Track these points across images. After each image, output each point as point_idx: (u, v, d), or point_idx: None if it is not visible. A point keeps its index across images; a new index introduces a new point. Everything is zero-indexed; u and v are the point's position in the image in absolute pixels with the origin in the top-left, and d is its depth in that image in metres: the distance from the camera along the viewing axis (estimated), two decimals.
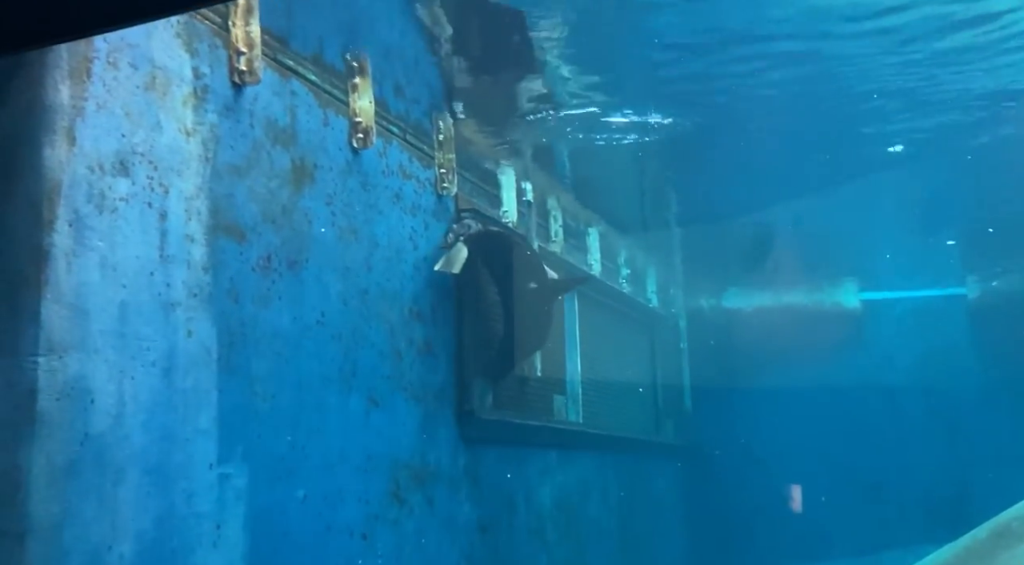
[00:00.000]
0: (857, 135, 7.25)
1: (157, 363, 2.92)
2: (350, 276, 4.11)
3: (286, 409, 3.56)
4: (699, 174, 8.29)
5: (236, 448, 3.25)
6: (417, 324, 4.71)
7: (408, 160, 4.70)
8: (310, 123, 3.85)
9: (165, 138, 3.01)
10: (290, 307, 3.64)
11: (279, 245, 3.60)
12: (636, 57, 5.60)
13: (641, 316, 9.00)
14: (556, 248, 6.84)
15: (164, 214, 2.99)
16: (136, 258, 2.87)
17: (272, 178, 3.59)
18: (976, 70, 6.08)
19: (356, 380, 4.08)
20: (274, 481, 3.45)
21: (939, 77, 6.07)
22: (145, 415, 2.85)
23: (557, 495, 6.44)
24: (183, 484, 2.98)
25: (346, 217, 4.10)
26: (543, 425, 6.15)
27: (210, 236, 3.21)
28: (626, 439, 8.00)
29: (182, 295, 3.06)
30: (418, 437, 4.59)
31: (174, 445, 2.96)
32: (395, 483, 4.32)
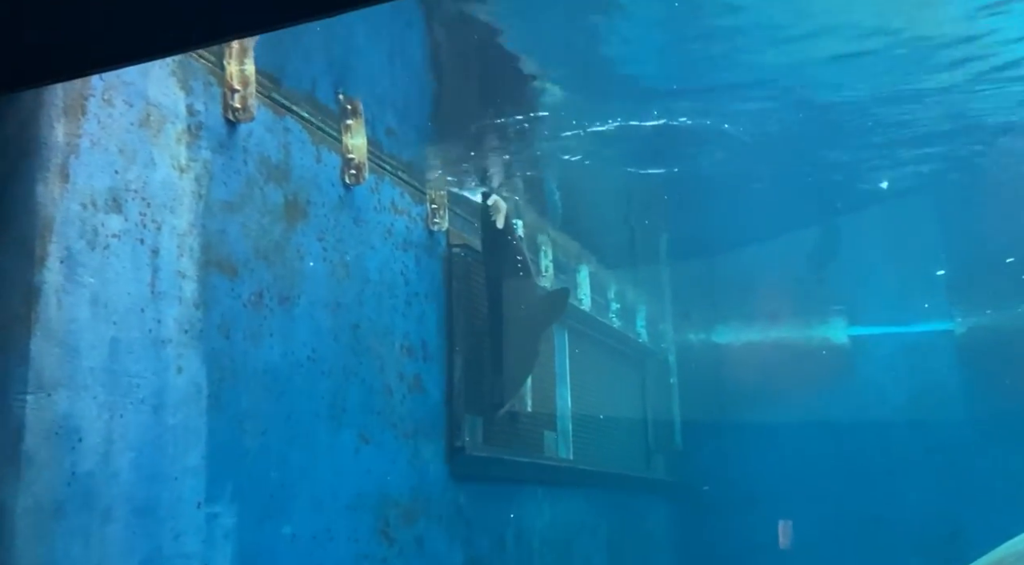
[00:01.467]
0: (846, 172, 7.34)
1: (147, 400, 2.90)
2: (341, 311, 4.11)
3: (276, 446, 3.53)
4: (689, 209, 8.36)
5: (225, 486, 3.21)
6: (408, 360, 4.69)
7: (400, 196, 4.72)
8: (303, 160, 3.88)
9: (159, 175, 3.02)
10: (281, 343, 3.63)
11: (271, 281, 3.60)
12: (628, 97, 5.67)
13: (631, 351, 9.01)
14: (546, 283, 6.86)
15: (156, 250, 2.99)
16: (127, 294, 2.86)
17: (265, 214, 3.60)
18: (961, 105, 6.18)
19: (346, 416, 4.06)
20: (263, 519, 3.41)
21: (924, 113, 6.17)
22: (134, 453, 2.82)
23: (547, 532, 6.38)
24: (171, 523, 2.94)
25: (338, 252, 4.11)
26: (533, 461, 6.11)
27: (202, 272, 3.21)
28: (617, 475, 7.95)
29: (173, 332, 3.05)
30: (408, 474, 4.55)
31: (162, 484, 2.92)
32: (384, 521, 4.27)
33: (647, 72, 5.14)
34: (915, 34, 4.85)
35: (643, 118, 5.69)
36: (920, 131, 6.59)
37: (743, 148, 6.37)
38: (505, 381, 5.56)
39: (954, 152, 6.97)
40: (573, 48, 4.83)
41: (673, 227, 8.47)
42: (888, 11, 4.71)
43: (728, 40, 4.80)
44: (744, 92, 5.70)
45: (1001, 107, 6.16)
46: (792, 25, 4.74)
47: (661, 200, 7.65)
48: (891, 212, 7.94)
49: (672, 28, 4.72)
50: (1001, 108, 6.18)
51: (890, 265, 8.97)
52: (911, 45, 5.11)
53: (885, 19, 4.76)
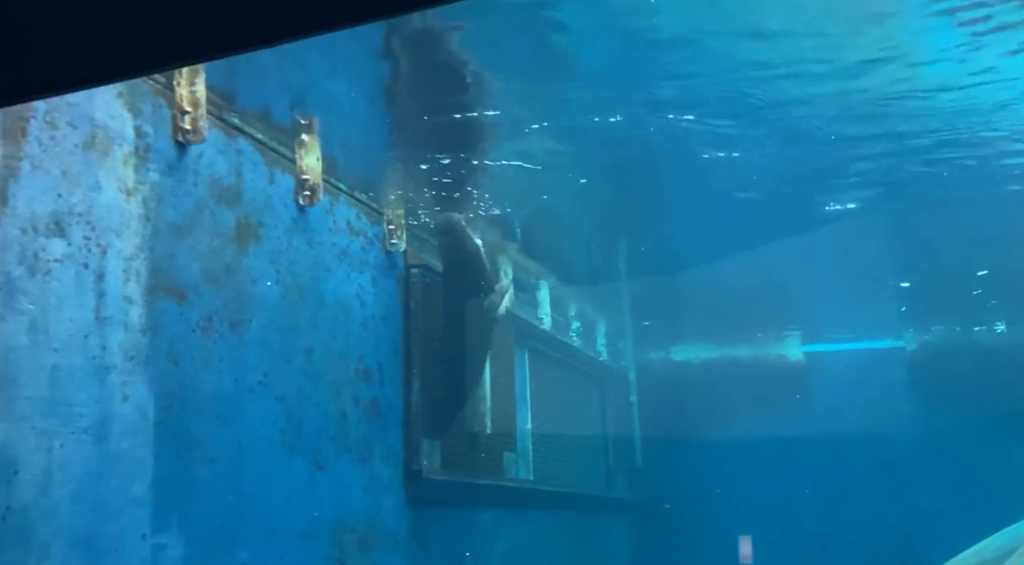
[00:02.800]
0: (805, 190, 7.46)
1: (89, 430, 2.81)
2: (294, 335, 4.04)
3: (226, 474, 3.45)
4: (648, 228, 8.43)
5: (172, 517, 3.13)
6: (364, 383, 4.63)
7: (356, 216, 4.68)
8: (256, 181, 3.82)
9: (104, 198, 2.95)
10: (231, 368, 3.55)
11: (221, 305, 3.53)
12: (586, 109, 5.71)
13: (591, 370, 9.02)
14: (507, 303, 6.85)
15: (101, 275, 2.92)
16: (70, 321, 2.78)
17: (216, 237, 3.53)
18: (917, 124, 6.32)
19: (300, 442, 3.98)
20: (213, 550, 3.32)
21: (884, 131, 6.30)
22: (74, 485, 2.72)
23: (507, 555, 6.32)
24: (114, 557, 2.85)
25: (291, 275, 4.05)
26: (492, 484, 6.06)
27: (149, 297, 3.13)
28: (577, 495, 7.93)
29: (118, 358, 2.96)
30: (364, 500, 4.47)
31: (105, 515, 2.83)
32: (339, 549, 4.19)
33: (606, 79, 5.17)
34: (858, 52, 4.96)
35: (603, 130, 5.71)
36: (873, 150, 6.73)
37: (700, 165, 6.45)
38: (477, 405, 5.55)
39: (905, 171, 7.14)
40: (531, 61, 4.85)
41: (631, 244, 8.54)
42: (838, 26, 4.79)
43: (683, 52, 4.86)
44: (703, 108, 5.78)
45: (943, 126, 6.32)
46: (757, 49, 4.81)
47: (619, 217, 7.70)
48: (844, 230, 8.10)
49: (628, 40, 4.75)
50: (943, 127, 6.34)
51: (843, 283, 9.14)
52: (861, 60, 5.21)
53: (835, 36, 4.85)
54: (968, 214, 7.60)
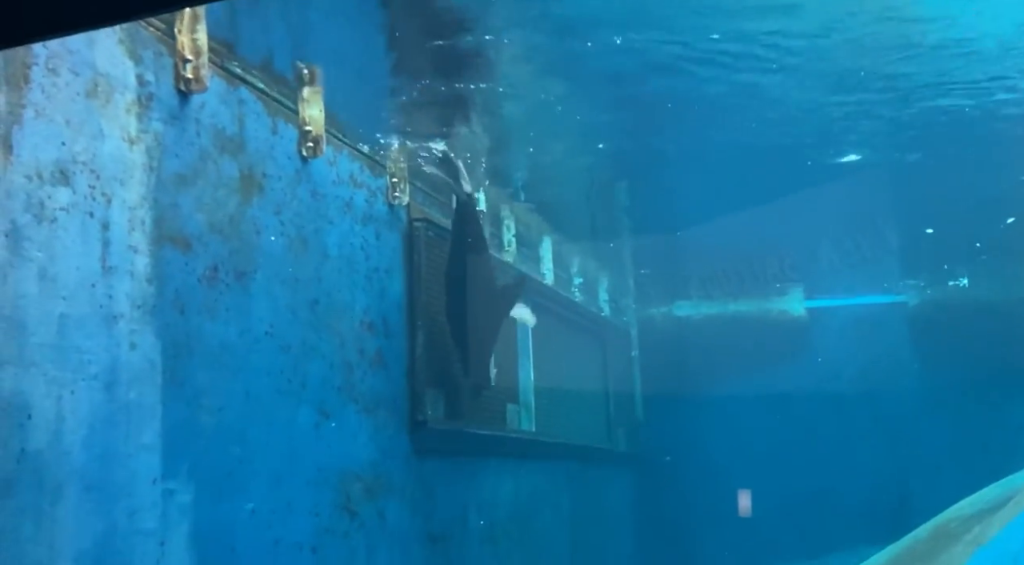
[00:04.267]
0: (807, 145, 7.41)
1: (99, 377, 2.84)
2: (299, 287, 4.06)
3: (233, 422, 3.50)
4: (651, 183, 8.39)
5: (181, 463, 3.18)
6: (368, 335, 4.67)
7: (359, 169, 4.67)
8: (258, 132, 3.80)
9: (107, 147, 2.94)
10: (237, 319, 3.58)
11: (226, 256, 3.54)
12: (591, 63, 5.64)
13: (593, 325, 9.07)
14: (509, 258, 6.86)
15: (106, 224, 2.92)
16: (77, 269, 2.79)
17: (219, 188, 3.53)
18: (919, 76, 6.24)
19: (306, 392, 4.03)
20: (221, 496, 3.39)
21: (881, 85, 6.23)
22: (86, 431, 2.77)
23: (510, 504, 6.44)
24: (126, 501, 2.91)
25: (295, 227, 4.06)
26: (495, 434, 6.15)
27: (154, 247, 3.15)
28: (578, 447, 8.04)
29: (125, 307, 2.99)
30: (369, 449, 4.54)
31: (116, 461, 2.89)
32: (346, 496, 4.27)
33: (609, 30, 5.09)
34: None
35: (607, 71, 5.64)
36: (879, 104, 6.66)
37: (704, 117, 6.40)
38: (482, 357, 5.59)
39: (914, 124, 7.08)
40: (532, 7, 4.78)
41: (633, 199, 8.51)
42: None
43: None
44: (710, 58, 5.70)
45: (956, 83, 6.25)
46: None
47: (620, 168, 7.66)
48: (849, 184, 8.06)
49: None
50: (957, 84, 6.27)
51: (846, 237, 9.13)
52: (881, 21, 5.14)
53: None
54: (972, 167, 7.56)
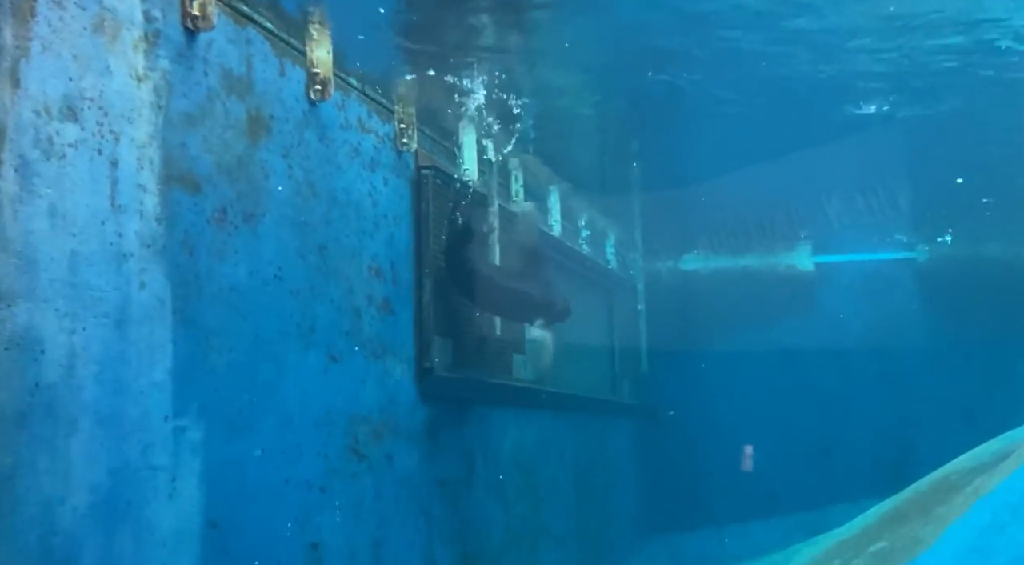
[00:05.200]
0: (819, 100, 7.31)
1: (110, 314, 2.87)
2: (308, 231, 4.07)
3: (243, 363, 3.53)
4: (661, 137, 8.30)
5: (192, 401, 3.23)
6: (376, 282, 4.68)
7: (367, 114, 4.63)
8: (266, 73, 3.77)
9: (115, 83, 2.92)
10: (246, 261, 3.59)
11: (234, 198, 3.54)
12: (604, 17, 5.55)
13: (600, 278, 9.08)
14: (517, 208, 6.83)
15: (115, 162, 2.92)
16: (86, 207, 2.80)
17: (227, 128, 3.51)
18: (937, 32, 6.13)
19: (314, 336, 4.06)
20: (231, 435, 3.44)
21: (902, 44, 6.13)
22: (97, 366, 2.80)
23: (515, 452, 6.53)
24: (138, 436, 2.96)
25: (303, 171, 4.04)
26: (502, 383, 6.20)
27: (163, 186, 3.14)
28: (583, 398, 8.11)
29: (135, 246, 3.00)
30: (377, 393, 4.59)
31: (128, 397, 2.93)
32: (354, 438, 4.33)
33: None
34: None
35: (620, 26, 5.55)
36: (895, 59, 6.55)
37: (714, 71, 6.31)
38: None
39: (925, 82, 6.97)
40: None
41: (644, 151, 8.44)
42: None
43: None
44: (719, 16, 5.61)
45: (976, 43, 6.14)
46: None
47: (632, 122, 7.58)
48: (860, 141, 7.98)
49: None
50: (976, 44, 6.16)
51: (857, 192, 9.06)
52: None
53: None
54: (984, 126, 7.47)
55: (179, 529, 3.11)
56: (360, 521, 4.31)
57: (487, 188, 6.09)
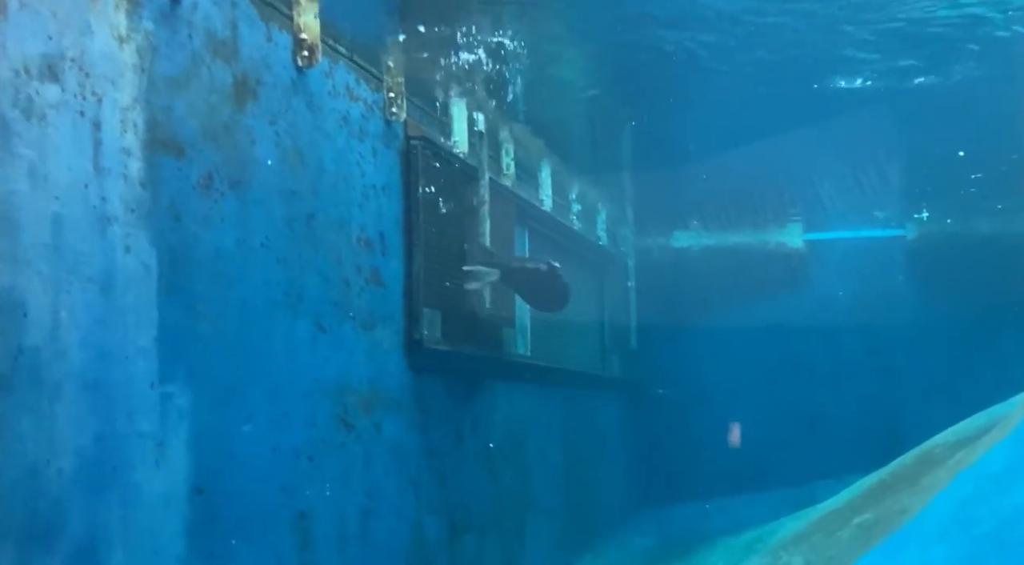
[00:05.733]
0: (812, 74, 7.29)
1: (94, 279, 2.84)
2: (296, 200, 4.03)
3: (230, 331, 3.51)
4: (653, 113, 8.27)
5: (179, 368, 3.20)
6: (365, 252, 4.66)
7: (355, 82, 4.57)
8: (252, 37, 3.71)
9: (97, 44, 2.86)
10: (233, 228, 3.56)
11: (221, 164, 3.50)
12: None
13: (591, 254, 9.07)
14: (508, 181, 6.80)
15: (98, 124, 2.87)
16: (69, 169, 2.75)
17: (212, 93, 3.46)
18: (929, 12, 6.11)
19: (303, 305, 4.04)
20: (218, 402, 3.42)
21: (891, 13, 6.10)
22: (82, 331, 2.78)
23: (504, 424, 6.55)
24: (124, 402, 2.94)
25: (291, 138, 4.00)
26: (492, 356, 6.21)
27: (148, 151, 3.10)
28: (573, 372, 8.14)
29: (119, 210, 2.96)
30: (366, 364, 4.59)
31: (114, 363, 2.90)
32: (343, 408, 4.33)
33: None
34: None
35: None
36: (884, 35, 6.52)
37: (705, 42, 6.27)
38: None
39: (916, 60, 6.96)
40: None
41: (636, 126, 8.41)
42: None
43: None
44: None
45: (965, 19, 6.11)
46: None
47: (623, 94, 7.54)
48: (850, 118, 7.97)
49: None
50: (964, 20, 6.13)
51: (846, 170, 9.07)
52: None
53: None
54: (972, 103, 7.47)
55: (166, 495, 3.10)
56: (348, 491, 4.32)
57: (478, 160, 6.05)
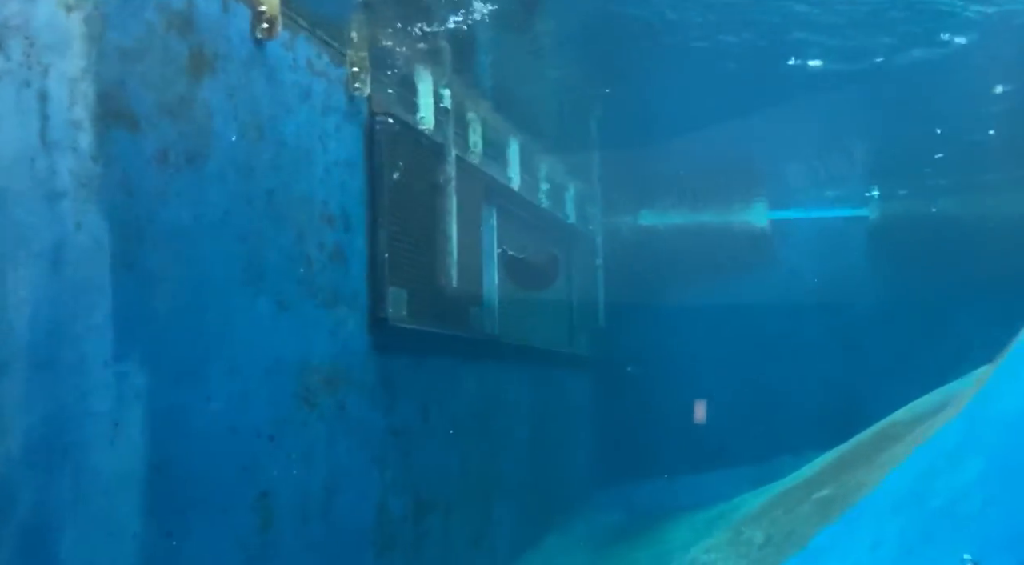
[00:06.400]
0: (775, 57, 7.30)
1: (43, 255, 2.77)
2: (255, 175, 3.96)
3: (188, 309, 3.45)
4: (621, 92, 8.23)
5: (133, 347, 3.15)
6: (328, 229, 4.60)
7: (317, 55, 4.49)
8: (209, 8, 3.61)
9: (42, 11, 2.77)
10: (190, 204, 3.49)
11: (177, 138, 3.42)
12: None
13: (559, 232, 9.06)
14: (475, 159, 6.75)
15: (44, 95, 2.78)
16: (14, 141, 2.67)
17: (167, 65, 3.37)
18: None
19: (263, 283, 3.98)
20: (176, 381, 3.37)
21: None
22: (31, 308, 2.71)
23: (471, 403, 6.55)
24: (75, 381, 2.88)
25: (250, 113, 3.92)
26: (458, 335, 6.19)
27: (99, 124, 3.01)
28: (540, 351, 8.16)
29: (69, 185, 2.88)
30: (329, 343, 4.55)
31: (64, 341, 2.84)
32: (305, 387, 4.29)
33: None
34: None
35: None
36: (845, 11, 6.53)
37: (671, 27, 6.24)
38: None
39: (882, 40, 6.99)
40: None
41: (604, 106, 8.38)
42: None
43: None
44: None
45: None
46: None
47: (591, 71, 7.50)
48: (814, 98, 8.01)
49: None
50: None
51: (810, 151, 9.14)
52: None
53: None
54: (934, 84, 7.54)
55: (122, 475, 3.05)
56: (311, 470, 4.30)
57: (444, 137, 5.99)
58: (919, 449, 5.01)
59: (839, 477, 5.81)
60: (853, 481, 5.47)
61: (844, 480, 5.65)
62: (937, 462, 4.70)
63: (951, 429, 4.82)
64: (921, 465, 4.78)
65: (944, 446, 4.78)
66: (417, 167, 5.55)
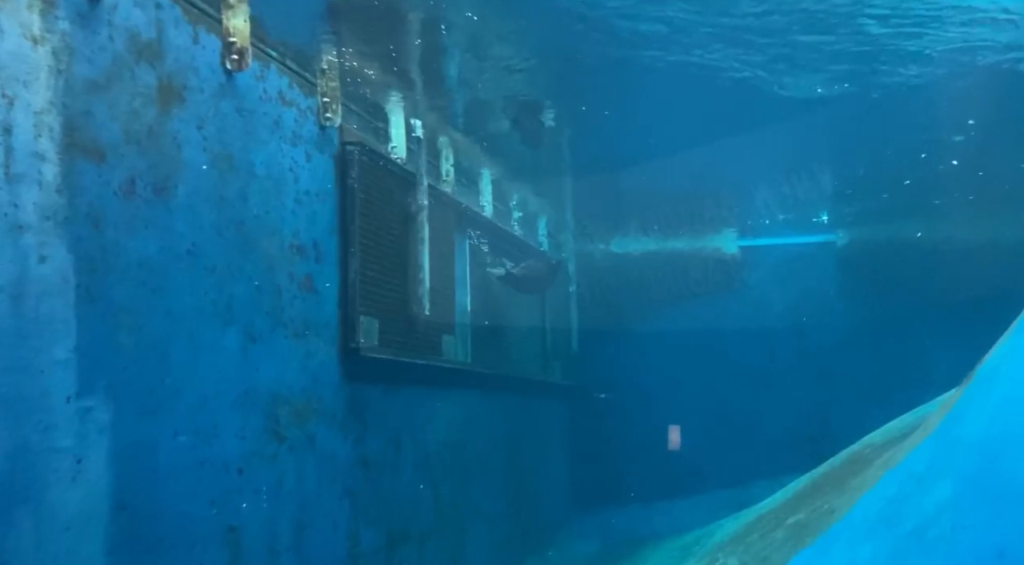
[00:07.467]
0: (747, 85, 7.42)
1: (4, 289, 2.72)
2: (224, 206, 3.94)
3: (154, 342, 3.41)
4: (591, 120, 8.31)
5: (98, 381, 3.09)
6: (298, 259, 4.58)
7: (288, 86, 4.50)
8: (178, 39, 3.61)
9: (7, 44, 2.75)
10: (157, 236, 3.46)
11: (144, 169, 3.40)
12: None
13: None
14: (447, 188, 6.77)
15: (8, 128, 2.76)
16: None
17: (136, 96, 3.36)
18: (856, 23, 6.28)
19: (232, 314, 3.95)
20: (142, 415, 3.32)
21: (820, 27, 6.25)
22: None
23: (444, 432, 6.50)
24: (37, 417, 2.82)
25: (220, 143, 3.91)
26: (430, 364, 6.16)
27: (64, 155, 2.99)
28: (514, 378, 8.13)
29: (33, 218, 2.85)
30: (299, 374, 4.50)
31: (26, 376, 2.79)
32: (274, 419, 4.24)
33: None
34: None
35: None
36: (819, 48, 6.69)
37: (643, 54, 6.34)
38: None
39: (852, 71, 7.14)
40: None
41: (574, 135, 8.45)
42: None
43: None
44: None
45: (901, 34, 6.30)
46: None
47: (566, 107, 7.57)
48: (784, 126, 8.15)
49: None
50: (901, 35, 6.32)
51: (779, 178, 9.27)
52: None
53: None
54: (902, 111, 7.71)
55: (85, 513, 2.99)
56: (281, 503, 4.23)
57: (416, 166, 6.01)
58: (889, 473, 5.03)
59: (812, 502, 5.83)
60: (825, 506, 5.48)
61: (817, 505, 5.67)
62: (907, 486, 4.73)
63: (920, 452, 4.86)
64: (891, 489, 4.80)
65: (913, 470, 4.80)
66: (389, 196, 5.56)
